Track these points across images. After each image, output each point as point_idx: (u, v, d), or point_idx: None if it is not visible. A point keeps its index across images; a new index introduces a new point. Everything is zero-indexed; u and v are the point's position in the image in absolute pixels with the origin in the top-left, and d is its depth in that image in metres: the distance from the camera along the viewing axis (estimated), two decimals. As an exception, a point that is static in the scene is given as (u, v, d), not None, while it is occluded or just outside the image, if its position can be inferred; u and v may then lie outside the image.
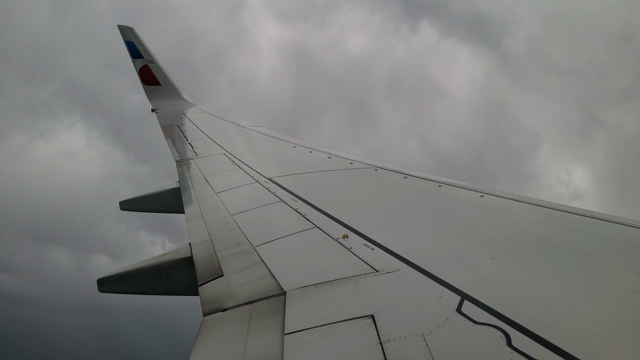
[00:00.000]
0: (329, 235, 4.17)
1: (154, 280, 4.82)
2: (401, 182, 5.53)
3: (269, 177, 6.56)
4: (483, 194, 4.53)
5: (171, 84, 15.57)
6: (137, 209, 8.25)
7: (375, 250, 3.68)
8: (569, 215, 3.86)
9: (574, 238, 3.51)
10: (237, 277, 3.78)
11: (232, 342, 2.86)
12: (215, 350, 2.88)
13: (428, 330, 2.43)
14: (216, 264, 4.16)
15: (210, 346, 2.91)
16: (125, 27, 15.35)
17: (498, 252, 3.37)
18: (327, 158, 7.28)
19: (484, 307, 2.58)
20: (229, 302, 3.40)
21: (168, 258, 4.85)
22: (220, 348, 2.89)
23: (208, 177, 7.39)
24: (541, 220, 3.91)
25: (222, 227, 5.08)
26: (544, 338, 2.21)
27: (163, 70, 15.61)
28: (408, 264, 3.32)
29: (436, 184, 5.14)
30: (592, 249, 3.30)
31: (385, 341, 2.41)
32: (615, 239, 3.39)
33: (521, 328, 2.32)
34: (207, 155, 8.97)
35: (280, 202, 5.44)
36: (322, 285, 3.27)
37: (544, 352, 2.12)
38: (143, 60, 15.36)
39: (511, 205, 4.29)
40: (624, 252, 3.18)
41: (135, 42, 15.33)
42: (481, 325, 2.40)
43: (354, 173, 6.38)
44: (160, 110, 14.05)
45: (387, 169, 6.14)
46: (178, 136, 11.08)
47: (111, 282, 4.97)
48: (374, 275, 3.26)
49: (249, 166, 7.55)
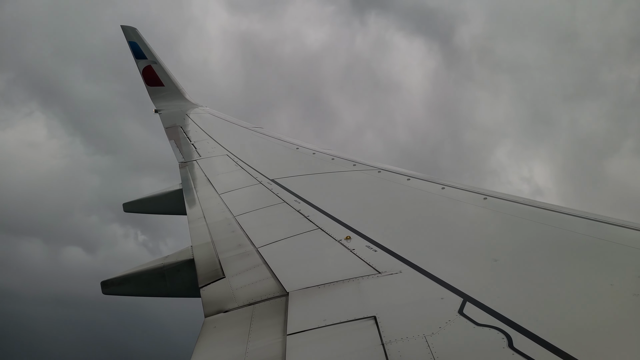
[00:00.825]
0: (331, 237, 4.18)
1: (157, 282, 4.84)
2: (404, 184, 5.54)
3: (272, 179, 6.58)
4: (486, 197, 4.54)
5: (174, 84, 15.60)
6: (140, 210, 8.28)
7: (377, 251, 3.69)
8: (571, 218, 3.87)
9: (576, 240, 3.52)
10: (238, 279, 3.80)
11: (233, 343, 2.88)
12: (217, 351, 2.90)
13: (430, 332, 2.44)
14: (218, 265, 4.17)
15: (211, 347, 2.93)
16: (128, 27, 15.38)
17: (500, 254, 3.38)
18: (330, 159, 7.30)
19: (485, 308, 2.58)
20: (231, 304, 3.42)
21: (171, 260, 4.87)
22: (221, 349, 2.90)
23: (211, 178, 7.42)
24: (543, 222, 3.92)
25: (225, 228, 5.10)
26: (546, 340, 2.22)
27: (166, 71, 15.63)
28: (410, 266, 3.33)
29: (439, 186, 5.15)
30: (594, 252, 3.31)
31: (387, 342, 2.42)
32: (618, 241, 3.39)
33: (523, 330, 2.32)
34: (210, 157, 9.00)
35: (283, 204, 5.46)
36: (325, 287, 3.28)
37: (545, 354, 2.12)
38: (146, 61, 15.39)
39: (513, 207, 4.29)
40: (627, 255, 3.18)
41: (139, 43, 15.37)
42: (483, 327, 2.41)
43: (357, 175, 6.39)
44: (163, 111, 14.08)
45: (391, 170, 6.15)
46: (182, 137, 11.11)
47: (115, 285, 4.99)
48: (377, 277, 3.27)
49: (252, 167, 7.57)
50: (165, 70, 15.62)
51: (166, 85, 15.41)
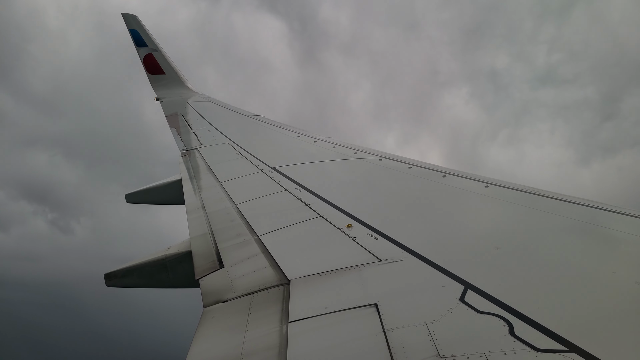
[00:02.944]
0: (333, 225, 4.18)
1: (160, 274, 4.87)
2: (405, 172, 5.52)
3: (274, 167, 6.57)
4: (488, 185, 4.53)
5: (175, 72, 15.50)
6: (143, 201, 8.19)
7: (379, 239, 3.69)
8: (573, 206, 3.86)
9: (578, 228, 3.51)
10: (237, 269, 3.81)
11: (231, 332, 2.90)
12: (215, 340, 2.92)
13: (431, 319, 2.45)
14: (216, 256, 4.17)
15: (209, 336, 2.95)
16: (129, 15, 15.25)
17: (502, 242, 3.38)
18: (331, 148, 7.28)
19: (487, 296, 2.59)
20: (229, 294, 3.43)
21: (173, 252, 4.89)
22: (219, 338, 2.92)
23: (212, 167, 7.41)
24: (545, 210, 3.91)
25: (225, 217, 5.10)
26: (547, 327, 2.22)
27: (167, 59, 15.52)
28: (412, 254, 3.33)
29: (440, 174, 5.13)
30: (595, 240, 3.30)
31: (389, 329, 2.43)
32: (620, 229, 3.39)
33: (524, 317, 2.33)
34: (211, 145, 8.98)
35: (285, 192, 5.46)
36: (326, 274, 3.29)
37: (546, 341, 2.13)
38: (147, 49, 15.28)
39: (515, 195, 4.28)
40: (629, 243, 3.18)
41: (139, 31, 15.25)
42: (484, 315, 2.42)
43: (359, 163, 6.38)
44: (164, 100, 14.03)
45: (392, 158, 6.13)
46: (182, 125, 11.08)
47: (118, 277, 5.02)
48: (378, 265, 3.28)
49: (253, 155, 7.55)
50: (166, 58, 15.51)
51: (167, 74, 15.31)
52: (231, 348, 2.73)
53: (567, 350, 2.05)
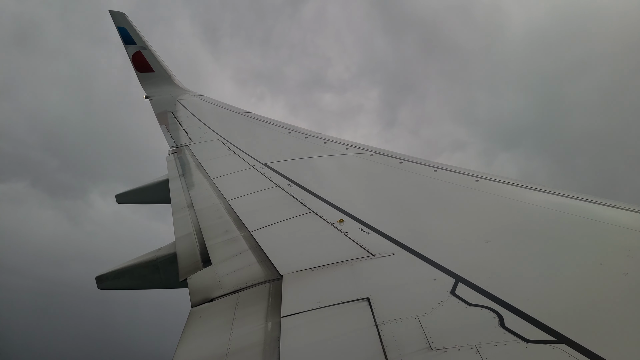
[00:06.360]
0: (324, 220, 4.19)
1: (151, 275, 4.86)
2: (397, 167, 5.54)
3: (265, 163, 6.57)
4: (478, 179, 4.56)
5: (164, 70, 15.41)
6: (134, 201, 8.09)
7: (370, 234, 3.71)
8: (562, 199, 3.90)
9: (567, 221, 3.55)
10: (224, 266, 3.79)
11: (217, 332, 2.89)
12: (200, 340, 2.91)
13: (423, 312, 2.47)
14: (200, 255, 4.15)
15: (195, 337, 2.94)
16: (117, 12, 15.12)
17: (492, 236, 3.41)
18: (322, 143, 7.29)
19: (477, 289, 2.61)
20: (217, 291, 3.42)
21: (163, 252, 4.87)
22: (204, 338, 2.92)
23: (203, 163, 7.38)
24: (534, 203, 3.95)
25: (214, 214, 5.09)
26: (537, 319, 2.25)
27: (156, 57, 15.42)
28: (403, 248, 3.35)
29: (431, 168, 5.16)
30: (584, 232, 3.34)
31: (381, 323, 2.45)
32: (607, 221, 3.43)
33: (514, 309, 2.35)
34: (202, 142, 8.95)
35: (276, 188, 5.45)
36: (318, 269, 3.30)
37: (536, 332, 2.16)
38: (136, 47, 15.16)
39: (505, 189, 4.32)
40: (616, 235, 3.22)
41: (128, 28, 15.12)
42: (475, 307, 2.44)
43: (350, 158, 6.39)
44: (154, 97, 13.95)
45: (383, 153, 6.15)
46: (172, 122, 11.02)
47: (109, 279, 5.00)
48: (370, 259, 3.29)
49: (244, 152, 7.54)
50: (155, 55, 15.40)
51: (156, 71, 15.22)
52: (216, 347, 2.73)
53: (556, 340, 2.08)
